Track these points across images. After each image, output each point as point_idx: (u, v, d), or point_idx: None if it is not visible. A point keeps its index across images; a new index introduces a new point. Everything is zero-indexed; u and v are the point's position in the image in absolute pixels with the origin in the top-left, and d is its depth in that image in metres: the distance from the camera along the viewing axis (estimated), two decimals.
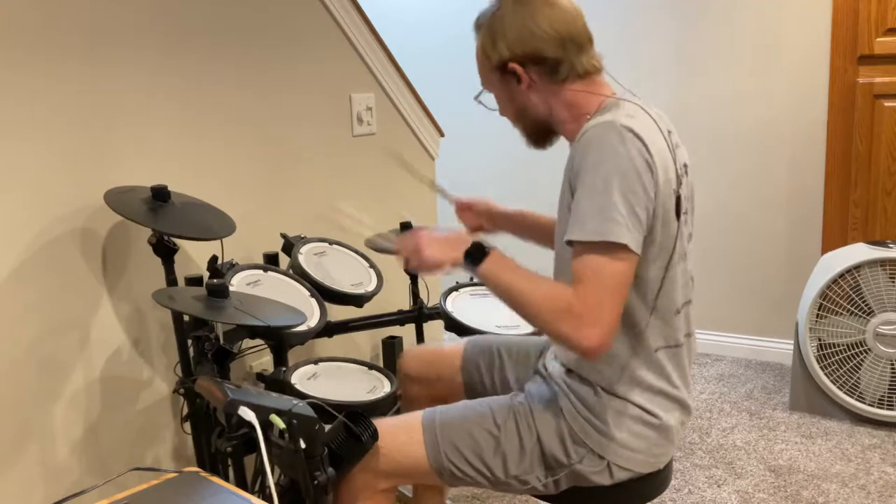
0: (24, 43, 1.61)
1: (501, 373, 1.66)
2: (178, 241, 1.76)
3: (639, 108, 1.32)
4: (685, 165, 1.38)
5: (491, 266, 1.31)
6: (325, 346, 2.32)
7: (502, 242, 1.63)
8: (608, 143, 1.22)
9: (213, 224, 1.81)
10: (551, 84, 1.36)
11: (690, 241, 1.42)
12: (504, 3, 1.36)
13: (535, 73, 1.35)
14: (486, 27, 1.37)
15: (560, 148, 1.43)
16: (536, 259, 1.47)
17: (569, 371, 1.40)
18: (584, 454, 1.36)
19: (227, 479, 1.70)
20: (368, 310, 2.09)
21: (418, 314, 2.21)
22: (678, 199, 1.31)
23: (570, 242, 1.23)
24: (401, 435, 1.43)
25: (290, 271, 1.99)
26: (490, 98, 1.46)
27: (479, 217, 1.74)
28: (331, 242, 2.18)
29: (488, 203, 1.73)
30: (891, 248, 2.57)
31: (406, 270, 1.61)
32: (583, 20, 1.37)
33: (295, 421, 1.21)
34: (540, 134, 1.46)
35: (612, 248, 1.20)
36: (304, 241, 2.09)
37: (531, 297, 1.25)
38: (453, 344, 1.75)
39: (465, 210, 1.75)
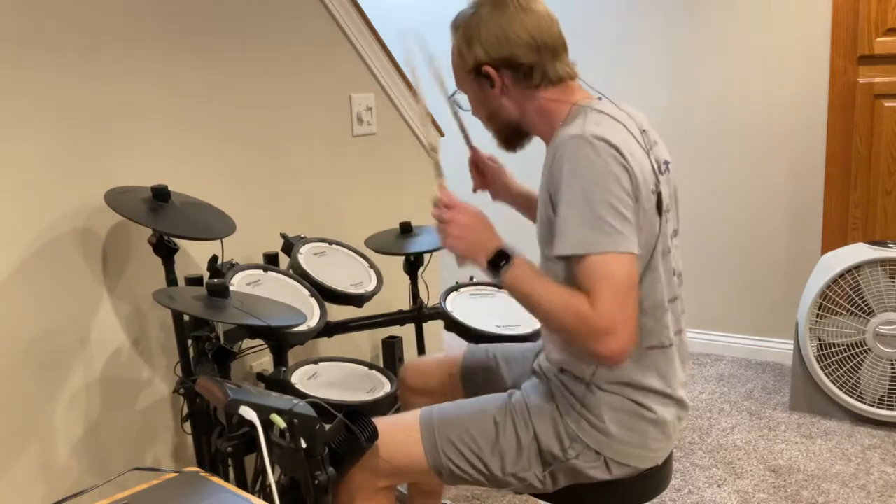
0: (23, 43, 1.61)
1: (500, 379, 1.67)
2: (178, 241, 1.76)
3: (605, 115, 1.32)
4: (666, 162, 1.39)
5: (513, 275, 1.30)
6: (326, 346, 2.32)
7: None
8: (582, 155, 1.24)
9: (214, 224, 1.81)
10: (524, 89, 1.38)
11: (675, 236, 1.42)
12: (481, 6, 1.38)
13: (509, 77, 1.37)
14: (463, 29, 1.39)
15: None
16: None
17: (562, 370, 1.41)
18: (581, 450, 1.36)
19: (227, 479, 1.70)
20: (368, 310, 2.09)
21: (418, 314, 2.21)
22: (658, 196, 1.32)
23: (563, 257, 1.24)
24: (399, 434, 1.43)
25: (290, 271, 1.99)
26: (464, 98, 1.47)
27: (486, 184, 1.72)
28: (331, 242, 2.18)
29: (500, 173, 1.70)
30: (891, 248, 2.57)
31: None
32: (558, 27, 1.38)
33: (296, 420, 1.21)
34: (511, 136, 1.48)
35: (609, 255, 1.21)
36: (304, 241, 2.09)
37: (551, 308, 1.26)
38: (451, 353, 1.76)
39: (475, 169, 1.71)
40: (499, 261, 1.31)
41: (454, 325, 1.99)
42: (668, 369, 1.39)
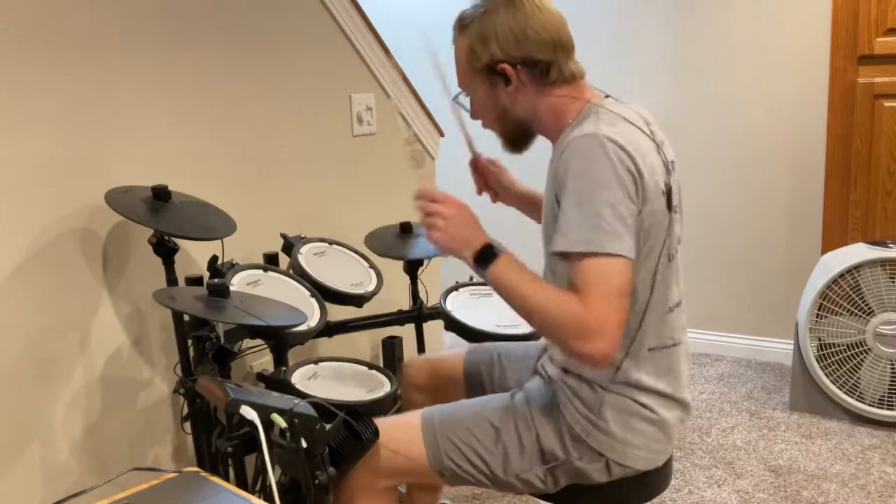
0: (23, 42, 1.61)
1: (502, 378, 1.66)
2: (179, 241, 1.76)
3: (617, 115, 1.33)
4: (672, 162, 1.39)
5: (499, 269, 1.31)
6: (326, 346, 2.32)
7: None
8: (591, 154, 1.24)
9: (214, 224, 1.81)
10: (540, 86, 1.38)
11: (679, 243, 1.42)
12: (494, 4, 1.37)
13: (525, 75, 1.37)
14: (476, 27, 1.37)
15: None
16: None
17: (566, 371, 1.41)
18: (583, 451, 1.36)
19: (227, 479, 1.70)
20: (368, 310, 2.09)
21: (418, 314, 2.20)
22: (668, 192, 1.32)
23: (560, 254, 1.24)
24: (400, 434, 1.43)
25: (290, 271, 1.98)
26: (468, 101, 1.47)
27: (488, 186, 1.71)
28: (331, 242, 2.18)
29: (501, 176, 1.70)
30: (891, 248, 2.57)
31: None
32: (567, 26, 1.39)
33: (296, 420, 1.21)
34: (518, 137, 1.47)
35: (606, 258, 1.21)
36: (304, 241, 2.09)
37: (538, 305, 1.26)
38: (454, 352, 1.76)
39: (476, 172, 1.71)
40: (485, 255, 1.31)
41: (454, 325, 1.99)
42: (671, 371, 1.39)
